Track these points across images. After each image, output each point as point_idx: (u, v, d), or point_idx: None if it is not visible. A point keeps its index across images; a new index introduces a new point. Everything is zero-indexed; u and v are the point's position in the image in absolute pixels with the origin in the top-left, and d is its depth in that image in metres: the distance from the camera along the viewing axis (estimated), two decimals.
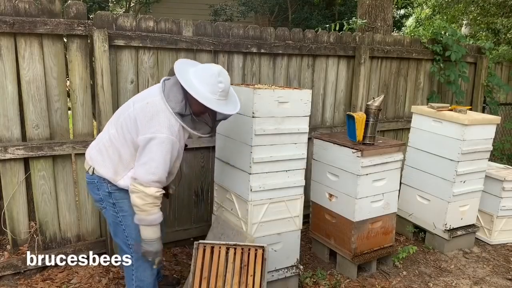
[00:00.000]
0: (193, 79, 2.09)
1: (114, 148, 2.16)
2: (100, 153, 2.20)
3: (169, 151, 2.05)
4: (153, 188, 2.02)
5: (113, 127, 2.20)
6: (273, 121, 2.53)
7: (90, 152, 2.26)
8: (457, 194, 3.46)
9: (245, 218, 2.63)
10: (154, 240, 2.11)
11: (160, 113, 2.06)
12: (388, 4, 5.40)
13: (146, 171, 2.02)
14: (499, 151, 5.44)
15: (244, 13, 9.02)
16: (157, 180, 2.04)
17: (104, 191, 2.21)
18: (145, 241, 2.11)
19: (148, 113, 2.06)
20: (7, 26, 2.46)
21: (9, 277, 2.74)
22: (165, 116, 2.05)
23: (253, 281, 2.35)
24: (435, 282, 3.12)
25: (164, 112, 2.06)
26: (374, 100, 3.00)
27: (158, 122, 2.04)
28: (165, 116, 2.05)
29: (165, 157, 2.04)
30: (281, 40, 3.48)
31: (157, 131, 2.03)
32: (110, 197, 2.21)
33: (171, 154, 2.07)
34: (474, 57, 4.85)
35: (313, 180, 3.31)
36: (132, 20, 2.85)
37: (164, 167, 2.05)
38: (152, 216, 2.06)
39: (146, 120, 2.06)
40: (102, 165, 2.18)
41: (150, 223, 2.08)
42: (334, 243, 3.17)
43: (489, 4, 9.01)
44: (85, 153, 2.32)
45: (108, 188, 2.19)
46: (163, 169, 2.05)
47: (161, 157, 2.03)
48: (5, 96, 2.58)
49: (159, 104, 2.08)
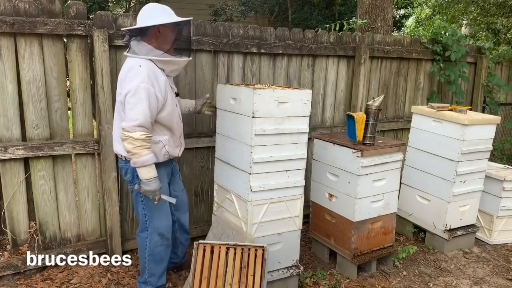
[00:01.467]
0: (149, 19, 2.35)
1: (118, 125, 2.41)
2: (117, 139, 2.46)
3: (144, 98, 2.23)
4: (138, 132, 2.23)
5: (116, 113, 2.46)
6: (273, 121, 2.53)
7: (115, 144, 2.52)
8: (457, 194, 3.46)
9: (245, 218, 2.63)
10: (150, 180, 2.31)
11: (130, 70, 2.29)
12: (388, 4, 5.40)
13: (129, 119, 2.25)
14: (499, 151, 5.44)
15: (244, 13, 9.02)
16: (140, 125, 2.23)
17: (131, 173, 2.45)
18: (143, 181, 2.32)
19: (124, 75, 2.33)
20: (7, 26, 2.46)
21: (9, 277, 2.74)
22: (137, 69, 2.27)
23: (253, 281, 2.35)
24: (435, 282, 3.13)
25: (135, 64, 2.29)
26: (374, 100, 3.00)
27: (129, 77, 2.28)
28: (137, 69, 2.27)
29: (141, 103, 2.23)
30: (281, 40, 3.48)
31: (131, 83, 2.25)
32: (135, 179, 2.43)
33: (148, 99, 2.25)
34: (474, 57, 4.85)
35: (313, 180, 3.31)
36: (132, 20, 2.85)
37: (143, 112, 2.23)
38: (143, 157, 2.26)
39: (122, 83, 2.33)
40: (119, 147, 2.44)
41: (143, 164, 2.27)
42: (334, 243, 3.17)
43: (489, 4, 9.01)
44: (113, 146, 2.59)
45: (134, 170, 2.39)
46: (143, 115, 2.24)
47: (138, 104, 2.23)
48: (5, 96, 2.58)
49: (130, 62, 2.33)
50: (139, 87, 2.23)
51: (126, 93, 2.25)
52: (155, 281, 2.59)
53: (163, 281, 2.64)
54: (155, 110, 2.31)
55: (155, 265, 2.57)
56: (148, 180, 2.31)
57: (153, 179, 2.32)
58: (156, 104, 2.30)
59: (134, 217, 3.15)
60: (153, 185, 2.32)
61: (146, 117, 2.24)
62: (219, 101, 2.79)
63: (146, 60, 2.31)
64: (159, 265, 2.58)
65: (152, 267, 2.57)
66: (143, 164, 2.27)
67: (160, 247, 2.55)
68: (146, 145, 2.26)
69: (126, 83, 2.28)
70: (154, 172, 2.32)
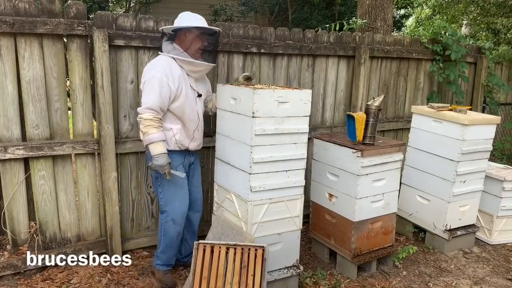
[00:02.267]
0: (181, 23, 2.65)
1: None
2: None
3: (155, 86, 2.49)
4: (147, 113, 2.50)
5: None
6: (273, 121, 2.53)
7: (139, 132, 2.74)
8: (457, 194, 3.46)
9: (245, 218, 2.63)
10: (158, 155, 2.52)
11: (150, 63, 2.61)
12: (388, 4, 5.40)
13: (142, 103, 2.54)
14: (499, 151, 5.44)
15: (244, 13, 9.02)
16: (149, 107, 2.49)
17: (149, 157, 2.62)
18: (153, 157, 2.54)
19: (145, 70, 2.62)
20: (7, 26, 2.46)
21: (9, 277, 2.74)
22: (154, 61, 2.59)
23: (253, 281, 2.35)
24: (435, 282, 3.13)
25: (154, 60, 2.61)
26: (374, 100, 3.00)
27: (147, 69, 2.58)
28: (154, 62, 2.59)
29: (152, 90, 2.49)
30: (281, 40, 3.48)
31: (147, 74, 2.55)
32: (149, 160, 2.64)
33: (160, 87, 2.50)
34: (474, 57, 4.85)
35: (313, 180, 3.31)
36: (132, 20, 2.85)
37: (154, 97, 2.49)
38: (152, 135, 2.51)
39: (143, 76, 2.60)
40: None
41: (151, 141, 2.51)
42: (334, 243, 3.17)
43: (489, 4, 9.01)
44: None
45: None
46: (153, 99, 2.49)
47: (150, 91, 2.50)
48: (5, 96, 2.58)
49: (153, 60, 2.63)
50: (153, 76, 2.51)
51: (143, 82, 2.55)
52: (165, 258, 2.83)
53: (171, 261, 2.87)
54: (167, 98, 2.55)
55: (166, 246, 2.80)
56: (157, 156, 2.52)
57: (161, 155, 2.53)
58: (168, 93, 2.54)
59: (134, 217, 3.15)
60: (161, 160, 2.52)
61: (155, 101, 2.50)
62: (219, 101, 2.79)
63: (167, 57, 2.60)
64: (169, 248, 2.81)
65: (164, 246, 2.80)
66: (151, 141, 2.51)
67: (173, 231, 2.76)
68: (155, 124, 2.51)
69: (144, 74, 2.58)
70: (163, 148, 2.54)
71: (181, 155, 2.74)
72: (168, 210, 2.73)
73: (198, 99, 2.74)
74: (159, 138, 2.53)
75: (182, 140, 2.68)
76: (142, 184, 3.13)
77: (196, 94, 2.72)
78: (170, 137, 2.64)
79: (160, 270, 2.84)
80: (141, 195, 3.14)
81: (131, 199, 3.11)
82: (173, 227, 2.75)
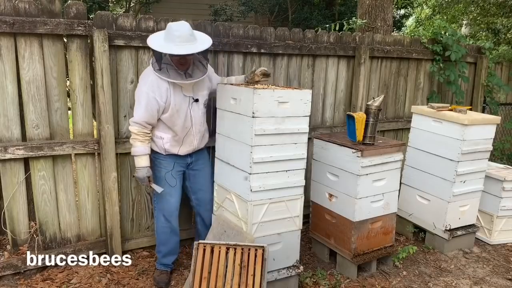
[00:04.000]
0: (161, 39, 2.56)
1: None
2: None
3: (141, 99, 2.57)
4: (133, 127, 2.61)
5: None
6: (273, 121, 2.53)
7: None
8: (457, 194, 3.46)
9: (245, 218, 2.63)
10: (139, 168, 2.65)
11: (142, 76, 2.66)
12: (388, 4, 5.40)
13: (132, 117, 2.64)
14: (499, 151, 5.43)
15: (244, 13, 9.01)
16: (136, 122, 2.59)
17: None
18: (136, 169, 2.68)
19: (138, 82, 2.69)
20: (7, 26, 2.46)
21: (9, 277, 2.74)
22: (144, 75, 2.64)
23: (253, 281, 2.35)
24: (435, 282, 3.13)
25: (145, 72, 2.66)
26: (374, 100, 3.00)
27: (139, 83, 2.65)
28: (144, 76, 2.63)
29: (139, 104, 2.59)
30: (281, 40, 3.48)
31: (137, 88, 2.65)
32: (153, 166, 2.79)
33: (147, 102, 2.56)
34: (474, 57, 4.85)
35: (313, 180, 3.31)
36: (132, 20, 2.85)
37: (139, 111, 2.58)
38: (136, 148, 2.64)
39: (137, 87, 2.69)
40: None
41: (134, 154, 2.65)
42: (334, 243, 3.17)
43: (489, 4, 9.02)
44: None
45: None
46: (138, 115, 2.58)
47: (138, 106, 2.60)
48: (5, 96, 2.58)
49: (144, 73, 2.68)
50: (141, 91, 2.59)
51: (135, 94, 2.67)
52: (160, 256, 2.92)
53: (167, 261, 2.92)
54: (155, 111, 2.60)
55: (160, 243, 2.91)
56: (138, 169, 2.66)
57: (142, 169, 2.65)
58: (156, 107, 2.59)
59: (134, 217, 3.15)
60: (139, 173, 2.65)
61: (141, 116, 2.58)
62: (219, 101, 2.79)
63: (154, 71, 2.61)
64: (163, 245, 2.90)
65: (158, 243, 2.92)
66: (134, 154, 2.65)
67: (164, 228, 2.85)
68: (140, 138, 2.62)
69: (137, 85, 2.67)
70: (144, 162, 2.65)
71: (171, 161, 2.78)
72: (159, 207, 2.84)
73: (195, 103, 2.72)
74: (141, 152, 2.63)
75: (170, 148, 2.74)
76: None
77: (192, 100, 2.70)
78: (160, 145, 2.73)
79: (157, 269, 2.94)
80: (141, 195, 3.14)
81: (131, 199, 3.11)
82: (164, 223, 2.84)
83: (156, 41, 2.53)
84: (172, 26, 2.52)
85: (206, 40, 2.63)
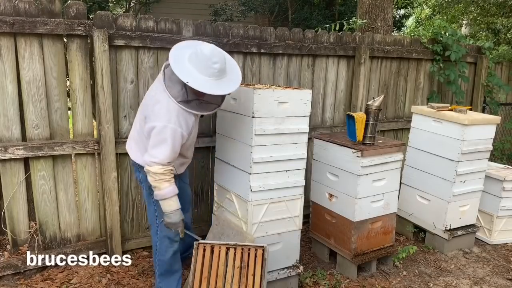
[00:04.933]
0: (189, 65, 2.21)
1: (141, 142, 2.40)
2: (134, 143, 2.48)
3: (167, 137, 2.20)
4: (156, 166, 2.22)
5: (138, 121, 2.45)
6: (273, 121, 2.53)
7: (129, 143, 2.54)
8: (457, 194, 3.46)
9: (245, 218, 2.63)
10: (171, 212, 2.29)
11: (162, 102, 2.23)
12: (388, 4, 5.40)
13: (149, 156, 2.24)
14: (499, 151, 5.44)
15: (244, 13, 9.02)
16: (159, 162, 2.21)
17: (143, 174, 2.39)
18: (165, 214, 2.31)
19: (152, 104, 2.27)
20: (7, 26, 2.46)
21: (9, 277, 2.74)
22: (165, 105, 2.22)
23: (253, 281, 2.35)
24: (435, 282, 3.13)
25: (164, 101, 2.22)
26: (374, 100, 3.00)
27: (159, 111, 2.22)
28: (165, 105, 2.22)
29: (164, 143, 2.21)
30: (281, 40, 3.48)
31: (157, 120, 2.22)
32: (147, 180, 2.36)
33: (173, 139, 2.21)
34: (474, 57, 4.85)
35: (313, 180, 3.31)
36: (132, 20, 2.85)
37: (164, 151, 2.21)
38: (163, 190, 2.25)
39: (150, 110, 2.27)
40: (135, 155, 2.47)
41: (163, 197, 2.26)
42: (334, 243, 3.17)
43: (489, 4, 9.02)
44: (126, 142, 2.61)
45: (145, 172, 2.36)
46: (163, 153, 2.21)
47: (162, 144, 2.21)
48: (5, 96, 2.58)
49: (161, 95, 2.25)
50: (165, 127, 2.19)
51: (152, 127, 2.22)
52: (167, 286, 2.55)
53: None
54: (179, 147, 2.29)
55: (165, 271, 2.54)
56: (169, 213, 2.29)
57: (175, 212, 2.29)
58: (181, 142, 2.27)
59: (134, 217, 3.15)
60: (174, 217, 2.30)
61: (166, 156, 2.21)
62: None
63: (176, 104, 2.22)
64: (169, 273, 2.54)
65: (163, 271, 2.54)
66: (163, 197, 2.26)
67: (170, 251, 2.50)
68: (166, 177, 2.24)
69: (153, 115, 2.22)
70: (176, 204, 2.30)
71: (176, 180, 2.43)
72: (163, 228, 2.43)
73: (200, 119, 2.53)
74: (172, 193, 2.26)
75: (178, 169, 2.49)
76: None
77: (199, 117, 2.47)
78: None
79: None
80: (141, 195, 3.14)
81: (131, 199, 3.11)
82: (170, 246, 2.50)
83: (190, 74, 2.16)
84: (208, 56, 2.17)
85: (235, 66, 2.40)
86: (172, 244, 2.50)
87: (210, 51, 2.19)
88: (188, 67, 2.20)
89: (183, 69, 2.18)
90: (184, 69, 2.18)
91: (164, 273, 2.55)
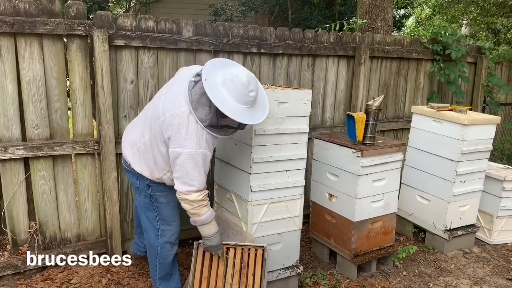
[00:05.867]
0: (222, 89, 2.07)
1: (150, 153, 2.27)
2: (138, 154, 2.32)
3: (199, 163, 2.12)
4: (193, 194, 2.16)
5: (147, 132, 2.26)
6: (273, 121, 2.53)
7: (127, 152, 2.38)
8: (457, 194, 3.46)
9: (245, 218, 2.63)
10: (212, 236, 2.30)
11: (189, 125, 2.09)
12: (388, 4, 5.40)
13: (183, 184, 2.15)
14: (499, 151, 5.44)
15: (244, 13, 9.02)
16: (196, 190, 2.16)
17: (144, 183, 2.34)
18: (205, 238, 2.31)
19: (177, 125, 2.10)
20: (7, 26, 2.46)
21: (9, 277, 2.74)
22: (193, 129, 2.09)
23: (253, 281, 2.35)
24: (435, 282, 3.13)
25: (192, 126, 2.09)
26: (374, 100, 3.00)
27: (186, 135, 2.09)
28: (193, 130, 2.09)
29: (197, 169, 2.13)
30: (281, 40, 3.48)
31: (186, 145, 2.09)
32: (148, 189, 2.34)
33: (204, 164, 2.15)
34: (474, 57, 4.85)
35: (313, 180, 3.31)
36: (132, 20, 2.85)
37: (199, 177, 2.15)
38: (203, 216, 2.22)
39: (174, 132, 2.11)
40: (138, 165, 2.33)
41: (203, 223, 2.25)
42: (334, 243, 3.17)
43: (489, 4, 9.02)
44: (122, 147, 2.46)
45: (148, 181, 2.33)
46: (199, 179, 2.15)
47: (194, 170, 2.13)
48: (5, 96, 2.58)
49: (187, 116, 2.09)
50: (197, 153, 2.10)
51: (180, 153, 2.10)
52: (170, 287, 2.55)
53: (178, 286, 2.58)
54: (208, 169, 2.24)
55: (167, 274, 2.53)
56: (210, 236, 2.30)
57: (215, 234, 2.31)
58: (209, 164, 2.23)
59: (134, 217, 3.14)
60: (214, 240, 2.32)
61: (202, 182, 2.17)
62: None
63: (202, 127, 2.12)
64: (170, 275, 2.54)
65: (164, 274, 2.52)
66: (203, 223, 2.25)
67: (171, 256, 2.50)
68: (204, 203, 2.21)
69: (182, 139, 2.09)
70: (215, 227, 2.31)
71: None
72: (166, 234, 2.44)
73: None
74: (212, 217, 2.26)
75: None
76: None
77: None
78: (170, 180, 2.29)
79: None
80: None
81: (131, 199, 3.10)
82: (171, 251, 2.48)
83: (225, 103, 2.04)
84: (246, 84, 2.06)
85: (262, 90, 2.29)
86: (173, 248, 2.51)
87: (247, 79, 2.07)
88: (224, 94, 2.06)
89: (219, 97, 2.04)
90: (220, 97, 2.04)
91: (165, 276, 2.55)
